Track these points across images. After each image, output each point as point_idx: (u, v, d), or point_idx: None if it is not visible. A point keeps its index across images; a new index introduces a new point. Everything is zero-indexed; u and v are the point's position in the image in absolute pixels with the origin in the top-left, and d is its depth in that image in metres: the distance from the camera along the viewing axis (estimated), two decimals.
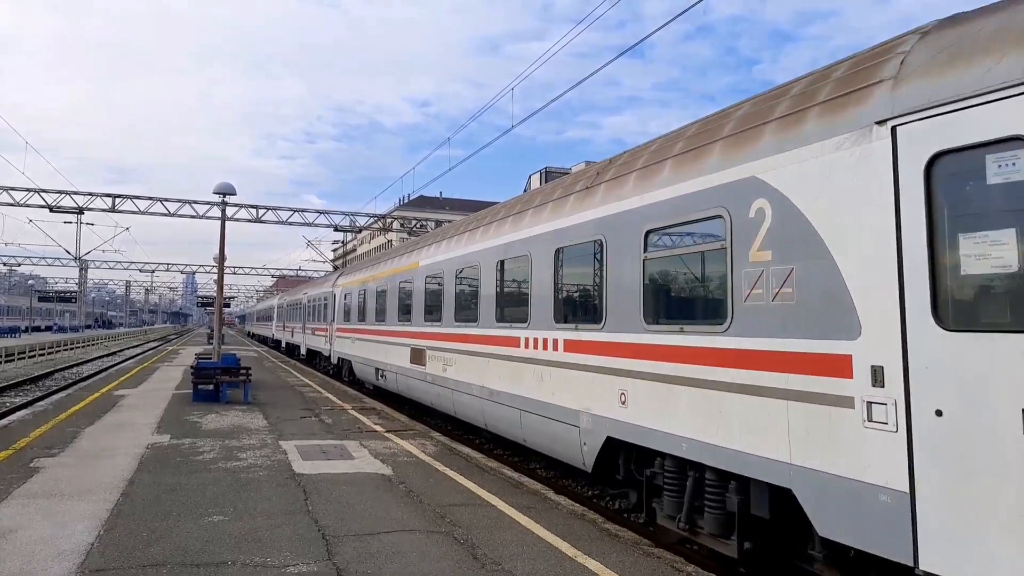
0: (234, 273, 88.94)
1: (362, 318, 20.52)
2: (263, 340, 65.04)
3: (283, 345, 46.07)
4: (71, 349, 50.10)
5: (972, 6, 4.81)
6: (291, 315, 41.07)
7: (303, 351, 35.14)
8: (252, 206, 40.08)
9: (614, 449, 7.90)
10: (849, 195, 4.93)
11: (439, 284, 13.61)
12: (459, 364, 12.27)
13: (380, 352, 18.12)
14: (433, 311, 13.89)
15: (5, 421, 13.53)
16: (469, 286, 12.16)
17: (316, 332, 30.33)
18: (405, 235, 51.29)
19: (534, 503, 8.12)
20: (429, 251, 14.70)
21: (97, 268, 78.19)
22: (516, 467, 11.08)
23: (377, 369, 18.40)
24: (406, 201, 73.37)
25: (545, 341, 9.25)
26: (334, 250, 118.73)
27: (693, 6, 10.01)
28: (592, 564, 6.04)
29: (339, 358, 24.48)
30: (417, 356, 14.69)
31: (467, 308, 12.17)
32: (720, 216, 6.19)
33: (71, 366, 35.62)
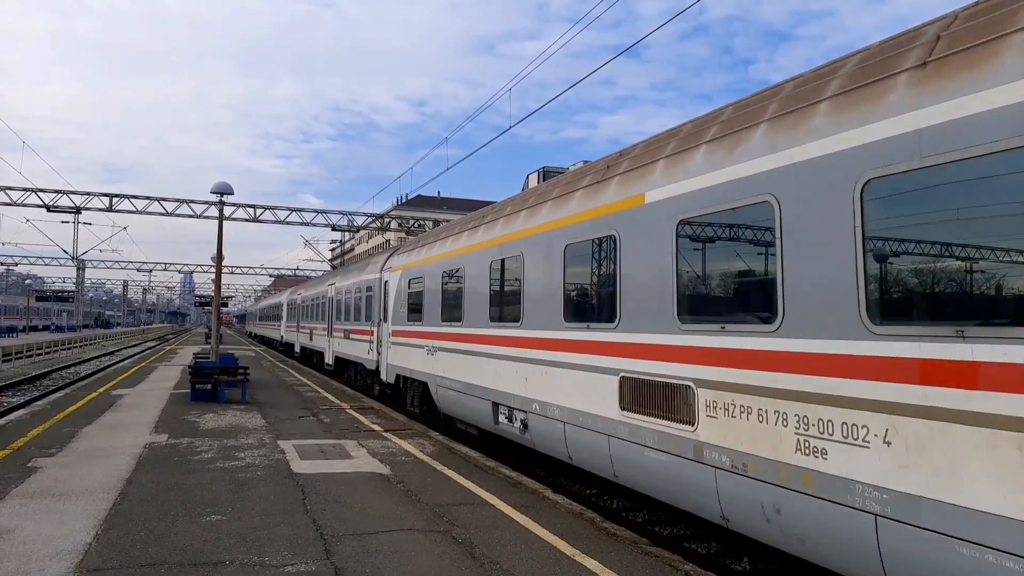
0: (232, 272, 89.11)
1: (454, 315, 12.52)
2: (267, 342, 58.45)
3: (297, 350, 37.56)
4: (68, 349, 50.07)
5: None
6: (310, 312, 32.94)
7: (329, 359, 26.80)
8: (250, 205, 40.84)
9: None
10: None
11: (758, 240, 5.73)
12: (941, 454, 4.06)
13: (505, 376, 10.27)
14: (724, 302, 6.18)
15: (3, 421, 13.50)
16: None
17: (351, 335, 22.56)
18: (403, 235, 51.28)
19: (533, 502, 8.12)
20: (688, 164, 6.57)
21: (94, 268, 78.43)
22: (515, 467, 11.09)
23: (499, 406, 10.67)
24: (404, 200, 73.46)
25: None
26: (332, 249, 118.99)
27: (690, 7, 10.03)
28: (591, 563, 6.05)
29: (400, 376, 16.52)
30: (644, 396, 6.94)
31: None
32: None
33: (69, 366, 35.59)
